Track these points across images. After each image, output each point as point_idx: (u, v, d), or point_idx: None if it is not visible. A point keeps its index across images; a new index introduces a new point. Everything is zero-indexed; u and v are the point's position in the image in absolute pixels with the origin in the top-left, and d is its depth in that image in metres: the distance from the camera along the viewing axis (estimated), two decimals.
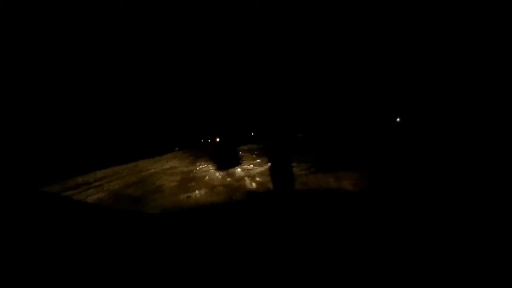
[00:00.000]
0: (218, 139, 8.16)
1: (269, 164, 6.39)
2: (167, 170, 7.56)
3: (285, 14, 7.79)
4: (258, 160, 7.88)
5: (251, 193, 4.21)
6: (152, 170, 7.64)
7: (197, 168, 6.97)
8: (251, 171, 6.45)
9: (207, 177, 6.22)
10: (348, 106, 9.55)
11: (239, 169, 6.50)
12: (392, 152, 6.80)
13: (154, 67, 7.89)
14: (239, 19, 8.16)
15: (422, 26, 8.24)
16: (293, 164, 6.08)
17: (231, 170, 6.38)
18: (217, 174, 6.36)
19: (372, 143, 7.86)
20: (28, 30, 6.63)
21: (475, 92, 8.25)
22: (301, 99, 8.94)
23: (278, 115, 7.29)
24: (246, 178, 5.59)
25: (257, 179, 5.52)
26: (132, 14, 7.26)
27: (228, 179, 5.92)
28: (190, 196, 5.29)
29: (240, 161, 7.10)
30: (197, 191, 5.56)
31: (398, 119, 10.15)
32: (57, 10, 6.69)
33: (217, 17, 7.90)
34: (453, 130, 7.32)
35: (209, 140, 8.18)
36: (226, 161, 6.96)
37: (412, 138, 7.98)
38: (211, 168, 7.09)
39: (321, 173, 5.37)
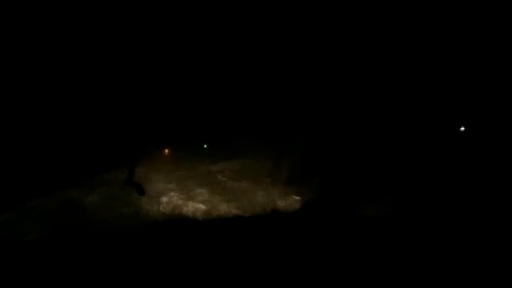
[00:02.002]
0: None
1: None
2: None
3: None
4: None
5: None
6: None
7: None
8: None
9: None
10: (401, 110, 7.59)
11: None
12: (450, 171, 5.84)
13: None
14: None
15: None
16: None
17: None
18: None
19: (429, 156, 6.90)
20: (28, 30, 6.52)
21: None
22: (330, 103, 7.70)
23: None
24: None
25: None
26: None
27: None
28: None
29: None
30: None
31: (462, 128, 7.75)
32: (56, 9, 6.63)
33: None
34: None
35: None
36: None
37: (478, 152, 6.64)
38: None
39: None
